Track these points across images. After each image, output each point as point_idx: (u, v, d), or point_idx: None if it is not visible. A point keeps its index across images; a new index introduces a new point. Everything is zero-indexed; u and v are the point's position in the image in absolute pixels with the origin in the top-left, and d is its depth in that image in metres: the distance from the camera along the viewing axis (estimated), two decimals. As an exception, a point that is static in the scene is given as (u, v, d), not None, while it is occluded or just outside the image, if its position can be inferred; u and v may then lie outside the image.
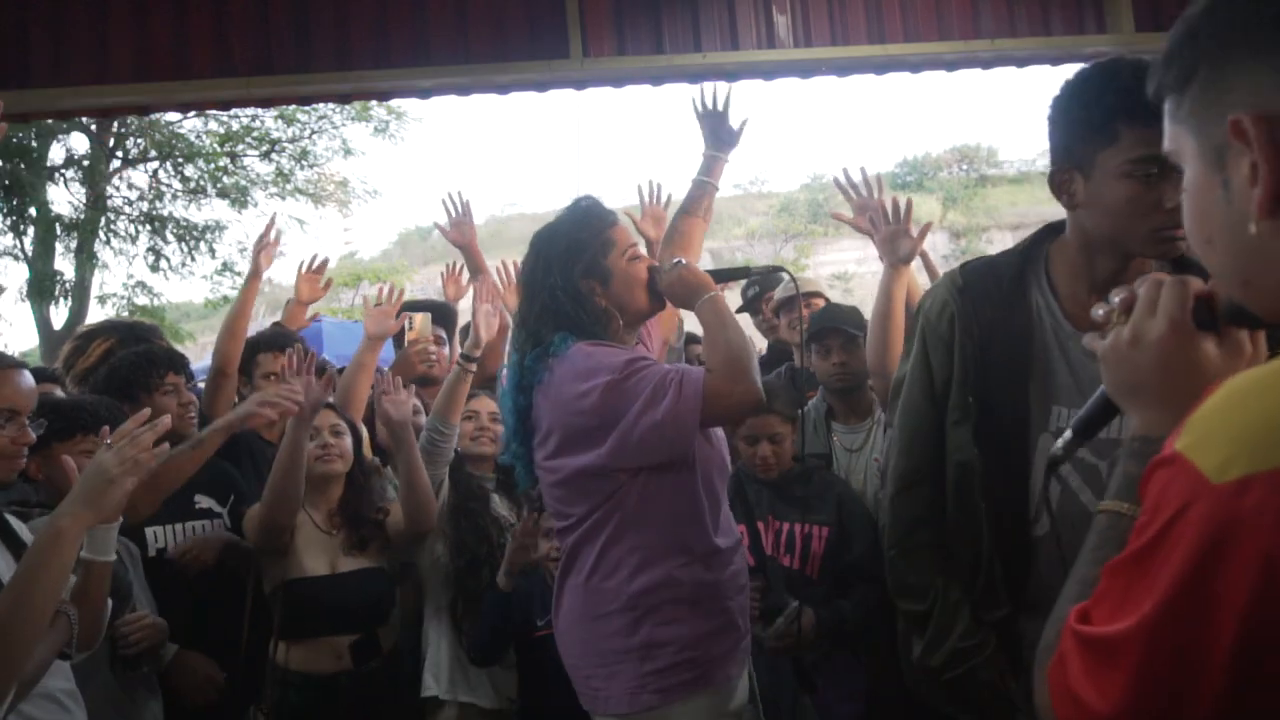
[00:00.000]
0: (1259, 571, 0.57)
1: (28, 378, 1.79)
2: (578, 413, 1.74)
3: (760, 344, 4.17)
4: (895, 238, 2.45)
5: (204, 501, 2.52)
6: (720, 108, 2.25)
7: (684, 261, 1.88)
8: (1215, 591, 0.59)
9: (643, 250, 1.96)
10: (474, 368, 2.68)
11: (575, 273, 1.86)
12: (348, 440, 2.54)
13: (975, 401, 1.59)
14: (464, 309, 3.66)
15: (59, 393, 2.74)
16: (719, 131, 2.26)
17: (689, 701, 1.74)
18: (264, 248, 3.21)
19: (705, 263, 2.17)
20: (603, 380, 1.71)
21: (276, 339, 2.99)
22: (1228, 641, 0.58)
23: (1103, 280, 1.50)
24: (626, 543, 1.77)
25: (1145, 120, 1.32)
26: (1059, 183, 1.52)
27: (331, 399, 2.59)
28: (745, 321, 4.24)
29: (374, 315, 2.96)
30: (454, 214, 3.44)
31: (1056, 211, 1.64)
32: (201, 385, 3.18)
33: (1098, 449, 1.48)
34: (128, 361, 2.58)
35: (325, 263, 3.60)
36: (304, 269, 3.54)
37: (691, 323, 4.12)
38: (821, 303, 3.35)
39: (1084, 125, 1.46)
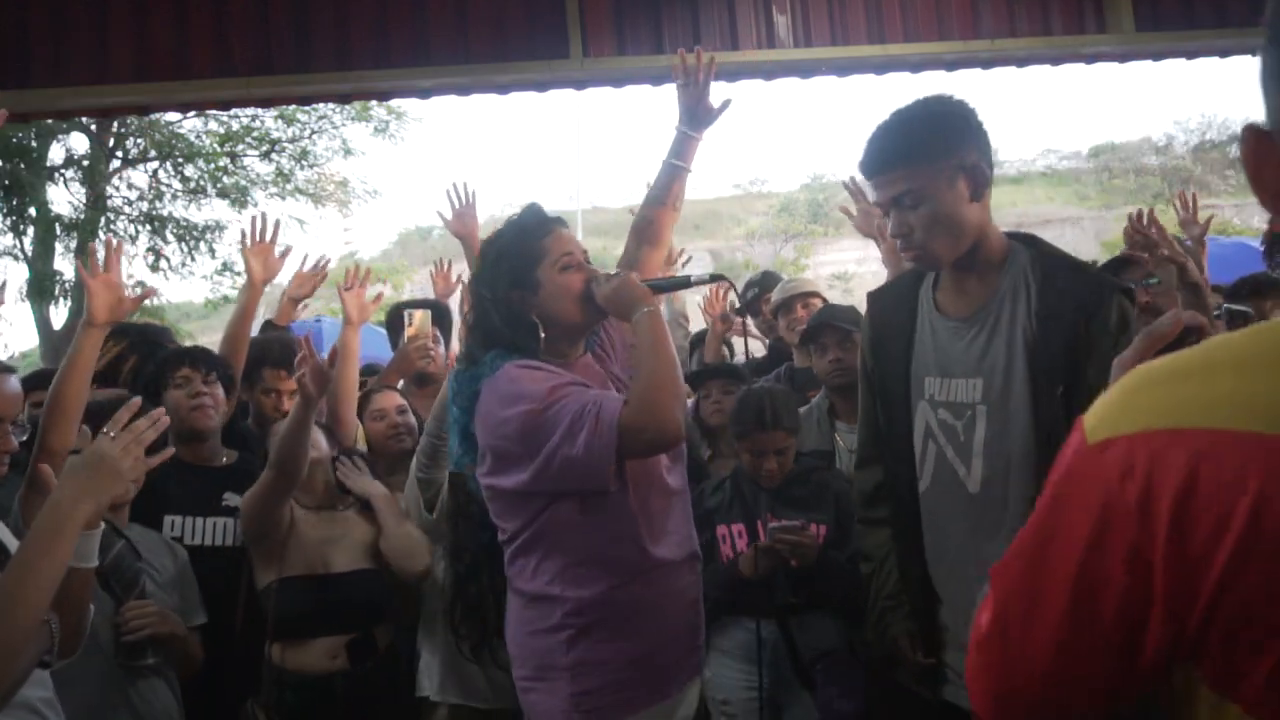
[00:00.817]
0: (1096, 519, 0.68)
1: (12, 383, 1.75)
2: (502, 437, 1.73)
3: (761, 345, 4.18)
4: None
5: (233, 499, 2.52)
6: (703, 79, 2.08)
7: (622, 272, 1.83)
8: (1060, 524, 0.72)
9: (581, 258, 1.87)
10: None
11: (502, 284, 1.84)
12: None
13: (876, 382, 1.88)
14: (453, 306, 3.66)
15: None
16: (696, 108, 2.08)
17: None
18: (256, 251, 3.01)
19: (705, 263, 2.17)
20: (522, 409, 1.68)
21: (284, 355, 2.97)
22: (1067, 569, 0.70)
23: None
24: (558, 560, 1.75)
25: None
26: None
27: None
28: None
29: (351, 300, 2.95)
30: (458, 204, 3.42)
31: (1057, 211, 1.69)
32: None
33: (955, 411, 1.70)
34: (145, 373, 2.60)
35: (325, 265, 3.58)
36: (303, 269, 3.53)
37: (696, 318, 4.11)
38: (819, 303, 3.35)
39: None
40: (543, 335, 1.82)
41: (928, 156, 1.64)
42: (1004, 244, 1.73)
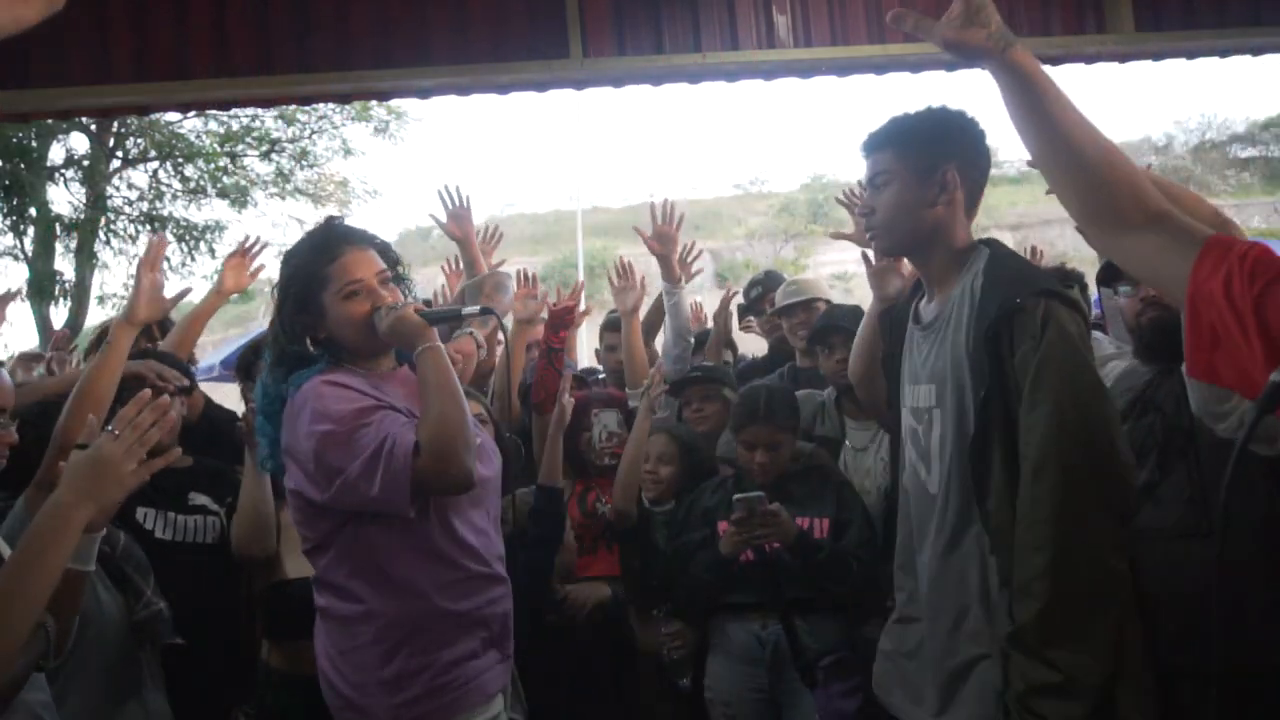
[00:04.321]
0: None
1: (4, 375, 1.77)
2: (300, 450, 1.71)
3: (760, 345, 4.18)
4: (885, 274, 2.37)
5: (199, 499, 2.52)
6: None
7: (399, 306, 1.79)
8: None
9: (370, 283, 1.81)
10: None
11: (288, 307, 1.83)
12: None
13: (890, 386, 1.96)
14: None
15: None
16: None
17: None
18: (234, 264, 3.08)
19: (705, 263, 2.16)
20: (323, 429, 1.66)
21: None
22: None
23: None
24: (367, 576, 1.73)
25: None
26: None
27: None
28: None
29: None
30: (451, 206, 3.42)
31: (1057, 211, 1.70)
32: (203, 384, 3.17)
33: (918, 415, 1.78)
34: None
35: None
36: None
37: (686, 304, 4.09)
38: (823, 306, 3.36)
39: None
40: (354, 352, 1.82)
41: (905, 147, 1.76)
42: (967, 252, 1.78)
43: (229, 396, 3.18)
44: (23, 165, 11.44)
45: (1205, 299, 1.10)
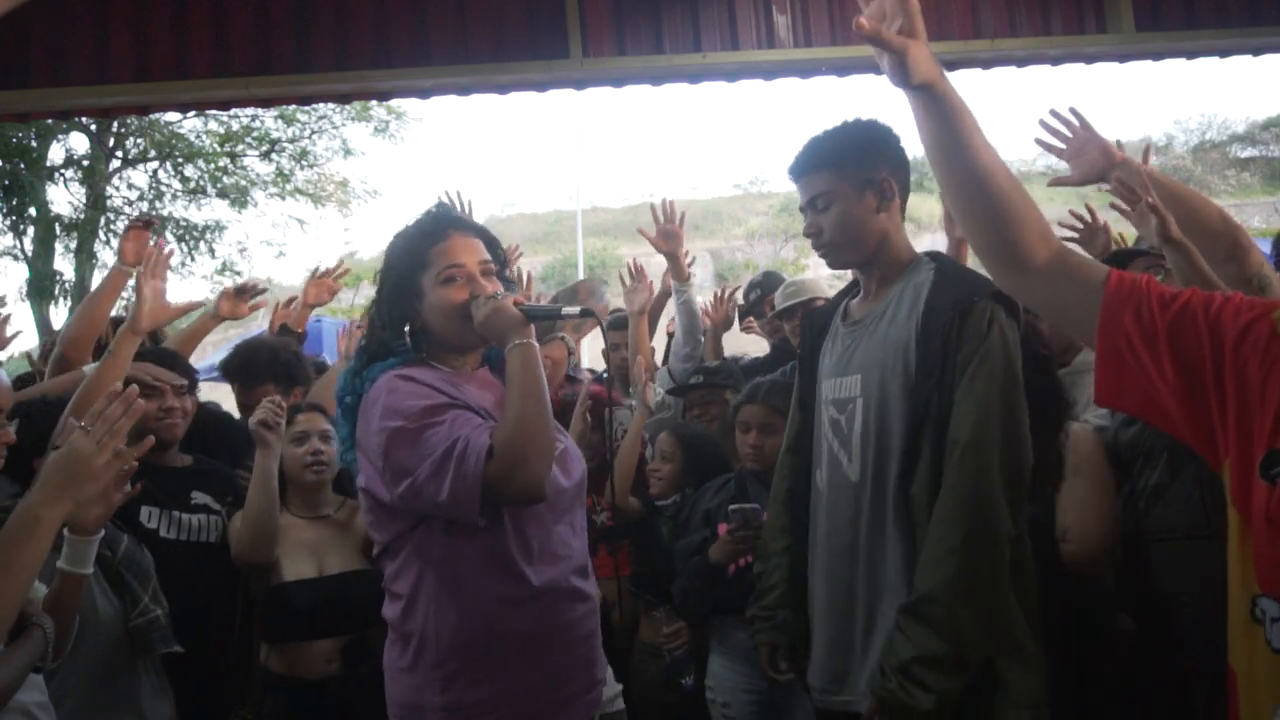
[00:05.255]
0: None
1: (1, 375, 1.77)
2: (370, 446, 1.62)
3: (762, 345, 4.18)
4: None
5: (200, 498, 2.52)
6: None
7: (501, 294, 1.70)
8: None
9: (470, 270, 1.72)
10: None
11: (387, 288, 1.76)
12: (335, 445, 2.47)
13: (798, 397, 2.04)
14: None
15: None
16: None
17: None
18: (232, 295, 3.12)
19: (705, 263, 2.17)
20: (394, 425, 1.57)
21: (288, 380, 2.95)
22: None
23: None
24: (431, 588, 1.61)
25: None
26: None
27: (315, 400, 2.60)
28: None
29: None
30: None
31: (1056, 211, 1.72)
32: (204, 384, 3.17)
33: (840, 406, 1.84)
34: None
35: (341, 268, 3.61)
36: (318, 274, 3.55)
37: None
38: (822, 303, 3.36)
39: None
40: (444, 345, 1.74)
41: (840, 165, 1.83)
42: (909, 256, 1.87)
43: (229, 398, 3.18)
44: (23, 165, 11.45)
45: (1116, 331, 1.13)
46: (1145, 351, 1.11)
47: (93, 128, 12.02)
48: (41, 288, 11.52)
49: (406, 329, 1.79)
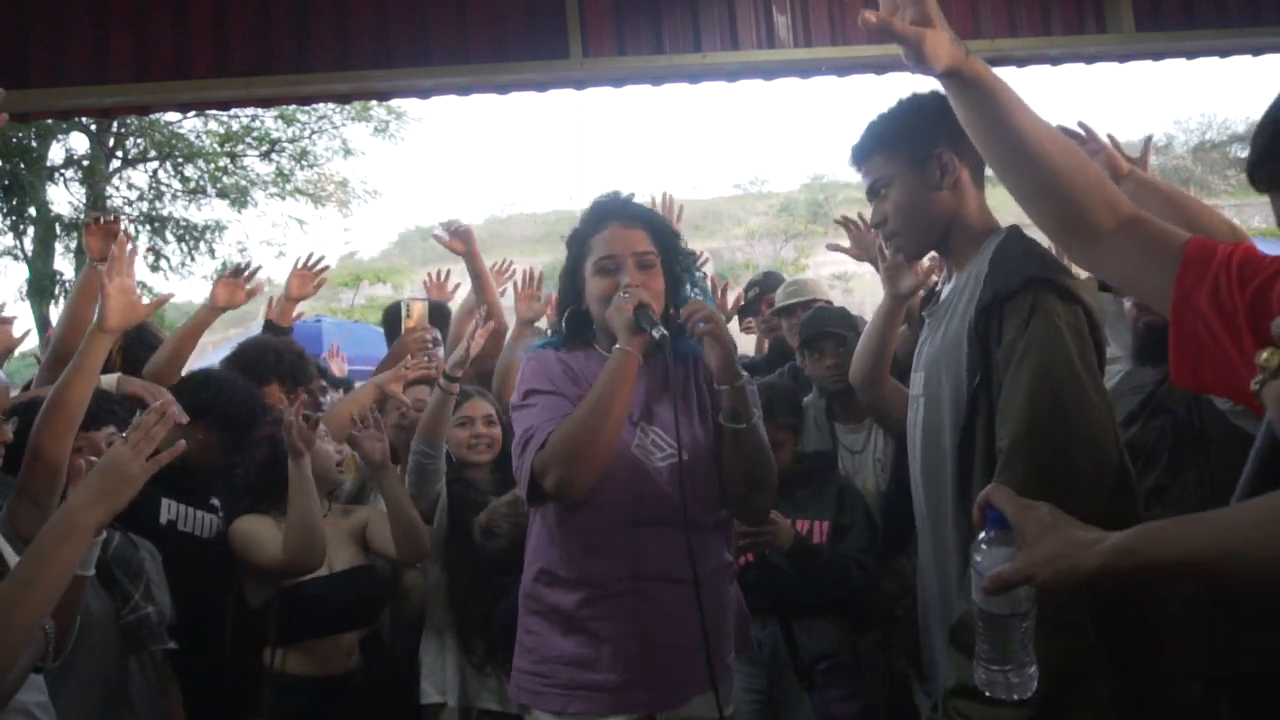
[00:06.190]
0: None
1: (0, 374, 1.77)
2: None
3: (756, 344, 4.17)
4: (898, 270, 2.32)
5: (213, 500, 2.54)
6: None
7: (629, 295, 1.72)
8: None
9: (623, 261, 1.77)
10: (456, 389, 2.60)
11: (563, 276, 1.91)
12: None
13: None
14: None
15: None
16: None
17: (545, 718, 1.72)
18: (228, 283, 3.11)
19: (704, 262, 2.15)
20: (514, 400, 1.81)
21: (294, 377, 2.95)
22: None
23: None
24: (532, 540, 1.84)
25: None
26: None
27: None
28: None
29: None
30: (448, 236, 3.32)
31: None
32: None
33: (912, 404, 1.74)
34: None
35: (322, 264, 3.58)
36: (299, 265, 3.53)
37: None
38: (822, 304, 3.35)
39: None
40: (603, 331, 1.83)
41: (890, 146, 1.69)
42: (984, 234, 1.68)
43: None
44: (23, 165, 11.45)
45: (1191, 310, 1.07)
46: (1225, 333, 1.02)
47: (93, 128, 12.03)
48: (41, 288, 11.53)
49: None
